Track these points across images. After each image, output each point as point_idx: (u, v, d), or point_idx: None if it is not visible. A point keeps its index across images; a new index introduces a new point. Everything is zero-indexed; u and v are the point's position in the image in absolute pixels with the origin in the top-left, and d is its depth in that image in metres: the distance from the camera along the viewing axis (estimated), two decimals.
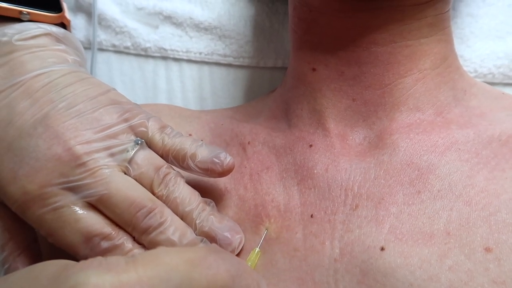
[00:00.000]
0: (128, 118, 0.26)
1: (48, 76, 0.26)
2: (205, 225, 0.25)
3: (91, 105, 0.26)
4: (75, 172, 0.24)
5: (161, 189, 0.26)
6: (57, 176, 0.24)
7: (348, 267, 0.23)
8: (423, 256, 0.22)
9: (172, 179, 0.26)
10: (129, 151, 0.25)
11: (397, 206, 0.24)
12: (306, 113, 0.29)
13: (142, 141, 0.26)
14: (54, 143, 0.24)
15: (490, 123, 0.26)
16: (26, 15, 0.28)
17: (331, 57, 0.28)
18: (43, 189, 0.24)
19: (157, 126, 0.27)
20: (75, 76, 0.27)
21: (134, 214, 0.24)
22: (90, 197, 0.24)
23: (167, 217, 0.25)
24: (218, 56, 0.40)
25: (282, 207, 0.26)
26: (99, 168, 0.24)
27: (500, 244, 0.21)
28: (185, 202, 0.26)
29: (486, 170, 0.24)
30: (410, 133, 0.26)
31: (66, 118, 0.25)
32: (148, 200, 0.25)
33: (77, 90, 0.26)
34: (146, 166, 0.26)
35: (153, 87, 0.41)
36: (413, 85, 0.27)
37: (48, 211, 0.24)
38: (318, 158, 0.27)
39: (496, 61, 0.36)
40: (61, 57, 0.28)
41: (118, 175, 0.25)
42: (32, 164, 0.24)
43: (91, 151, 0.24)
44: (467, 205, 0.23)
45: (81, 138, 0.25)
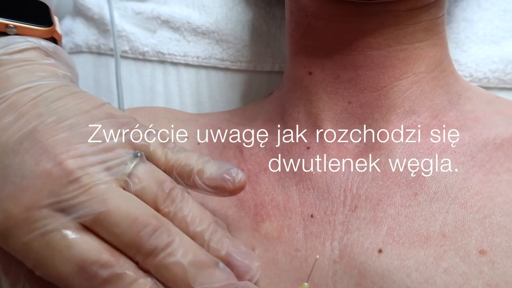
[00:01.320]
0: (126, 132, 0.24)
1: (36, 90, 0.24)
2: (221, 249, 0.23)
3: (84, 119, 0.23)
4: (67, 189, 0.21)
5: (167, 205, 0.22)
6: (47, 196, 0.21)
7: (347, 269, 0.23)
8: (419, 259, 0.22)
9: (179, 195, 0.23)
10: (128, 164, 0.22)
11: (395, 207, 0.24)
12: (303, 116, 0.29)
13: (141, 153, 0.23)
14: (43, 158, 0.21)
15: (485, 127, 0.27)
16: (13, 28, 0.27)
17: (327, 61, 0.28)
18: (29, 211, 0.21)
19: (159, 140, 0.25)
20: (65, 90, 0.25)
21: (137, 233, 0.21)
22: (84, 217, 0.21)
23: (175, 237, 0.22)
24: (215, 60, 0.40)
25: (282, 206, 0.26)
26: (95, 184, 0.21)
27: (494, 247, 0.21)
28: (196, 221, 0.23)
29: (481, 173, 0.24)
30: (406, 135, 0.26)
31: (57, 132, 0.22)
32: (153, 217, 0.22)
33: (68, 104, 0.24)
34: (148, 180, 0.23)
35: (150, 91, 0.41)
36: (408, 88, 0.27)
37: (35, 237, 0.21)
38: (316, 160, 0.27)
39: (491, 66, 0.36)
40: (50, 71, 0.26)
41: (116, 191, 0.22)
42: (17, 183, 0.21)
43: (85, 165, 0.22)
44: (463, 207, 0.23)
45: (73, 152, 0.22)
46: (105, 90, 0.42)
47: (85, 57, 0.42)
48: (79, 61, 0.42)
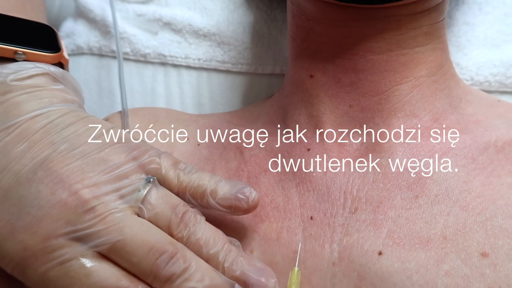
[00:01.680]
0: (137, 156, 0.24)
1: (47, 116, 0.24)
2: (236, 269, 0.23)
3: (95, 145, 0.24)
4: (83, 219, 0.21)
5: (181, 229, 0.23)
6: (63, 225, 0.21)
7: (346, 271, 0.23)
8: (420, 261, 0.22)
9: (191, 218, 0.24)
10: (141, 190, 0.23)
11: (395, 210, 0.24)
12: (304, 118, 0.29)
13: (154, 178, 0.24)
14: (58, 187, 0.22)
15: (486, 130, 0.27)
16: (22, 55, 0.27)
17: (328, 64, 0.28)
18: (47, 241, 0.21)
19: (170, 162, 0.25)
20: (75, 116, 0.25)
21: (154, 261, 0.22)
22: (101, 245, 0.22)
23: (191, 262, 0.22)
24: (216, 63, 0.40)
25: (282, 208, 0.26)
26: (110, 213, 0.22)
27: (496, 250, 0.21)
28: (210, 243, 0.23)
29: (482, 175, 0.24)
30: (407, 138, 0.26)
31: (70, 161, 0.23)
32: (168, 244, 0.22)
33: (79, 130, 0.24)
34: (161, 206, 0.23)
35: (151, 93, 0.41)
36: (409, 92, 0.27)
37: (53, 267, 0.21)
38: (316, 161, 0.27)
39: (493, 69, 0.36)
40: (60, 97, 0.26)
41: (131, 219, 0.22)
42: (33, 213, 0.22)
43: (100, 195, 0.22)
44: (464, 210, 0.23)
45: (88, 181, 0.22)
46: (107, 92, 0.42)
47: (86, 59, 0.42)
48: (81, 63, 0.42)
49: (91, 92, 0.42)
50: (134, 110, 0.34)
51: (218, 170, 0.30)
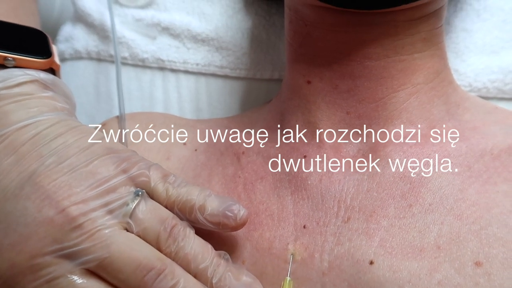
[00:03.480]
0: (126, 168, 0.24)
1: (35, 127, 0.24)
2: (223, 285, 0.23)
3: (84, 157, 0.23)
4: (70, 236, 0.21)
5: (169, 244, 0.23)
6: (50, 243, 0.21)
7: (336, 281, 0.23)
8: (412, 270, 0.22)
9: (180, 232, 0.23)
10: (129, 205, 0.23)
11: (388, 219, 0.24)
12: (301, 124, 0.29)
13: (142, 191, 0.24)
14: (45, 204, 0.22)
15: (483, 137, 0.27)
16: (11, 61, 0.26)
17: (325, 70, 0.28)
18: (34, 259, 0.21)
19: (159, 175, 0.25)
20: (64, 125, 0.25)
21: (142, 278, 0.22)
22: (89, 263, 0.21)
23: (179, 278, 0.22)
24: (215, 68, 0.40)
25: (276, 216, 0.26)
26: (98, 230, 0.22)
27: (490, 259, 0.21)
28: (198, 259, 0.23)
29: (477, 183, 0.24)
30: (404, 146, 0.26)
31: (57, 175, 0.22)
32: (156, 260, 0.22)
33: (68, 141, 0.24)
34: (150, 220, 0.23)
35: (149, 98, 0.41)
36: (406, 99, 0.27)
37: (41, 285, 0.21)
38: (312, 169, 0.27)
39: (491, 76, 0.36)
40: (49, 104, 0.26)
41: (119, 235, 0.22)
42: (20, 230, 0.21)
43: (87, 211, 0.22)
44: (458, 219, 0.23)
45: (75, 198, 0.22)
46: (105, 97, 0.42)
47: (85, 63, 0.42)
48: (79, 67, 0.42)
49: (89, 97, 0.42)
50: (132, 115, 0.33)
51: (215, 176, 0.29)
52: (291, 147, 0.29)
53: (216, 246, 0.25)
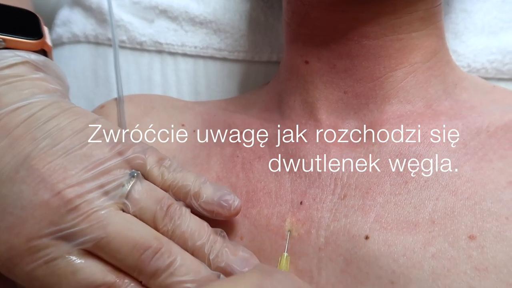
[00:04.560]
0: (121, 151, 0.24)
1: (28, 109, 0.24)
2: (220, 260, 0.23)
3: (78, 139, 0.23)
4: (66, 218, 0.21)
5: (166, 223, 0.23)
6: (47, 225, 0.21)
7: (332, 256, 0.23)
8: (407, 244, 0.22)
9: (177, 211, 0.24)
10: (125, 186, 0.23)
11: (384, 196, 0.24)
12: (299, 104, 0.29)
13: (138, 172, 0.24)
14: (40, 187, 0.22)
15: (480, 115, 0.27)
16: (1, 42, 0.26)
17: (323, 50, 0.28)
18: (31, 241, 0.21)
19: (155, 158, 0.25)
20: (57, 107, 0.24)
21: (139, 257, 0.22)
22: (86, 243, 0.22)
23: (176, 256, 0.22)
24: (213, 50, 0.40)
25: (273, 193, 0.26)
26: (94, 211, 0.22)
27: (484, 232, 0.21)
28: (195, 236, 0.23)
29: (473, 160, 0.24)
30: (400, 124, 0.26)
31: (52, 158, 0.22)
32: (153, 239, 0.22)
33: (61, 123, 0.24)
34: (146, 200, 0.23)
35: (148, 81, 0.41)
36: (403, 78, 0.27)
37: (39, 265, 0.21)
38: (310, 148, 0.27)
39: (490, 56, 0.36)
40: (41, 86, 0.25)
41: (116, 215, 0.22)
42: (16, 213, 0.21)
43: (83, 193, 0.22)
44: (453, 194, 0.23)
45: (70, 180, 0.22)
46: (103, 81, 0.42)
47: (82, 47, 0.42)
48: (77, 51, 0.42)
49: (88, 81, 0.42)
50: (130, 97, 0.34)
51: (213, 156, 0.30)
52: (289, 127, 0.29)
53: (214, 224, 0.25)
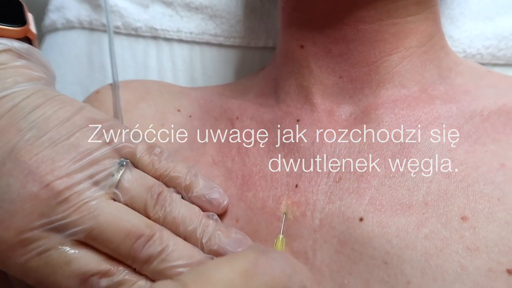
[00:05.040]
0: (110, 139, 0.24)
1: (12, 99, 0.23)
2: (213, 243, 0.23)
3: (65, 129, 0.23)
4: (57, 210, 0.21)
5: (157, 211, 0.23)
6: (37, 218, 0.21)
7: (327, 237, 0.24)
8: (400, 226, 0.22)
9: (167, 198, 0.24)
10: (115, 175, 0.23)
11: (378, 178, 0.24)
12: (294, 89, 0.29)
13: (127, 161, 0.24)
14: (28, 180, 0.21)
15: (474, 99, 0.27)
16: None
17: (318, 35, 0.28)
18: (22, 234, 0.21)
19: (145, 146, 0.25)
20: (42, 96, 0.24)
21: (131, 245, 0.22)
22: (78, 234, 0.22)
23: (168, 242, 0.22)
24: (209, 36, 0.40)
25: (269, 177, 0.27)
26: (84, 202, 0.22)
27: (476, 213, 0.22)
28: (186, 221, 0.24)
29: (467, 143, 0.24)
30: (395, 109, 0.27)
31: (39, 149, 0.22)
32: (145, 227, 0.22)
33: (47, 113, 0.23)
34: (136, 188, 0.23)
35: (143, 67, 0.41)
36: (399, 63, 0.27)
37: (32, 257, 0.21)
38: (305, 132, 0.27)
39: (485, 42, 0.36)
40: (24, 74, 0.25)
41: (106, 205, 0.22)
42: (5, 207, 0.21)
43: (72, 184, 0.22)
44: (447, 177, 0.23)
45: (59, 172, 0.22)
46: (98, 67, 0.41)
47: (77, 33, 0.42)
48: (71, 37, 0.42)
49: (83, 67, 0.42)
50: (125, 83, 0.33)
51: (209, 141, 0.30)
52: (284, 112, 0.29)
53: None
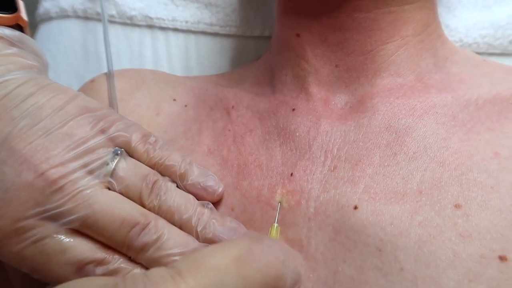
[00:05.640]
0: (104, 128, 0.23)
1: (4, 87, 0.23)
2: (208, 232, 0.23)
3: (58, 118, 0.23)
4: (52, 199, 0.21)
5: (152, 199, 0.23)
6: (32, 206, 0.21)
7: (321, 225, 0.24)
8: (394, 213, 0.22)
9: (162, 186, 0.24)
10: (109, 164, 0.23)
11: (373, 167, 0.24)
12: (290, 78, 0.29)
13: (121, 150, 0.24)
14: (23, 168, 0.21)
15: (469, 88, 0.27)
16: None
17: (315, 23, 0.28)
18: (17, 223, 0.21)
19: (139, 135, 0.25)
20: (34, 84, 0.23)
21: (126, 233, 0.22)
22: (73, 223, 0.22)
23: (163, 230, 0.22)
24: (204, 25, 0.40)
25: (264, 166, 0.27)
26: (79, 190, 0.22)
27: (469, 201, 0.22)
28: (181, 210, 0.23)
29: (461, 132, 0.24)
30: (390, 97, 0.26)
31: (33, 138, 0.22)
32: (140, 216, 0.22)
33: (40, 101, 0.23)
34: (131, 177, 0.23)
35: (139, 57, 0.40)
36: (395, 52, 0.27)
37: (27, 246, 0.21)
38: (301, 121, 0.27)
39: (482, 31, 0.36)
40: (16, 62, 0.24)
41: (101, 194, 0.22)
42: (0, 196, 0.21)
43: (67, 173, 0.22)
44: (441, 165, 0.23)
45: (53, 160, 0.21)
46: (94, 57, 0.41)
47: (71, 22, 0.41)
48: (66, 27, 0.42)
49: (78, 57, 0.41)
50: (120, 72, 0.33)
51: (205, 130, 0.30)
52: (280, 101, 0.29)
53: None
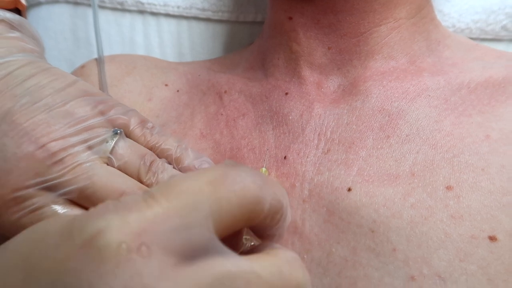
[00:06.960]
0: (103, 110, 0.24)
1: (6, 67, 0.23)
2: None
3: (60, 97, 0.23)
4: (52, 170, 0.21)
5: (150, 177, 0.23)
6: (32, 176, 0.21)
7: (315, 207, 0.24)
8: (387, 195, 0.23)
9: (159, 166, 0.24)
10: (109, 142, 0.23)
11: (367, 150, 0.24)
12: (283, 62, 0.29)
13: (121, 130, 0.24)
14: (24, 141, 0.22)
15: (461, 71, 0.27)
16: None
17: (307, 6, 0.27)
18: (16, 192, 0.21)
19: (137, 119, 0.25)
20: (36, 67, 0.24)
21: None
22: (71, 193, 0.22)
23: None
24: (196, 10, 0.39)
25: (257, 150, 0.27)
26: (79, 163, 0.22)
27: (460, 183, 0.22)
28: None
29: (453, 115, 0.25)
30: (383, 81, 0.26)
31: (34, 113, 0.22)
32: (138, 189, 0.23)
33: (41, 82, 0.23)
34: (130, 155, 0.24)
35: (130, 42, 0.40)
36: (387, 34, 0.27)
37: (25, 214, 0.22)
38: (294, 105, 0.27)
39: (474, 16, 0.36)
40: (17, 46, 0.25)
41: (100, 168, 0.22)
42: (0, 166, 0.21)
43: (67, 146, 0.22)
44: (433, 148, 0.23)
45: (54, 134, 0.22)
46: (84, 43, 0.41)
47: (61, 7, 0.41)
48: (55, 12, 0.41)
49: (68, 42, 0.41)
50: (111, 57, 0.33)
51: (197, 115, 0.30)
52: (272, 85, 0.29)
53: None
